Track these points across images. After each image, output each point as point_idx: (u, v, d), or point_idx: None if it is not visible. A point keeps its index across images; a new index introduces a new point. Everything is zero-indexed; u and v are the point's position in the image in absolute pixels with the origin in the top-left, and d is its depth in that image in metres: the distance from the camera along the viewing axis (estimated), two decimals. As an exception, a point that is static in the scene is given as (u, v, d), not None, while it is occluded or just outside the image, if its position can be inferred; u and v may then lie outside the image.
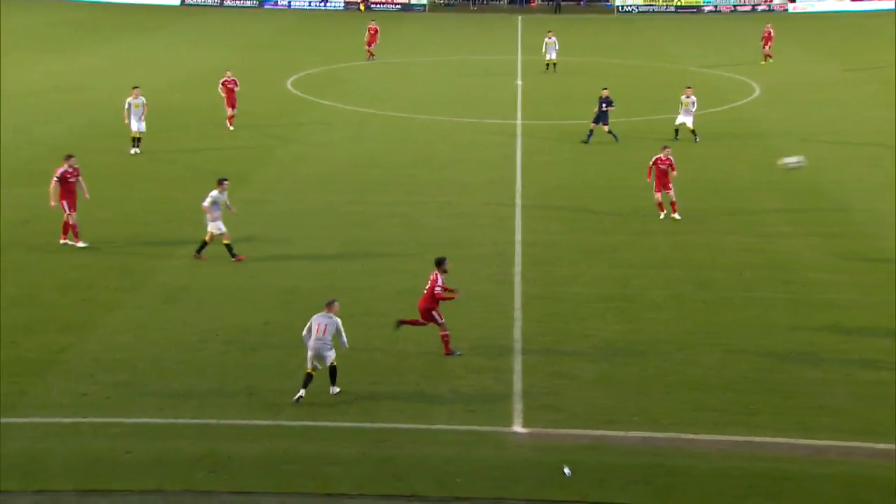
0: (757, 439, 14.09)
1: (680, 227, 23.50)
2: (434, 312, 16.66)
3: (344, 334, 15.25)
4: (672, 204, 23.79)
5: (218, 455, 13.62)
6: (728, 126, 34.32)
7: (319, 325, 15.22)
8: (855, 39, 57.57)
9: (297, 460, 13.57)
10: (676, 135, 31.77)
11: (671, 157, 23.83)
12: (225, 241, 20.87)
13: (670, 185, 23.74)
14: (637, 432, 14.33)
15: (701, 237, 22.92)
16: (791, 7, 74.14)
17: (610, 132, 31.40)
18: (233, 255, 20.86)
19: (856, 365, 16.29)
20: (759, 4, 74.27)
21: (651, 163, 23.92)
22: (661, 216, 23.81)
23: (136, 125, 29.47)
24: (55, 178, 21.52)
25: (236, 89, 33.15)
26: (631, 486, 13.01)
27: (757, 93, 40.91)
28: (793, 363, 16.48)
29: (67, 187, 21.61)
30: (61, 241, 21.66)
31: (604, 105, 31.33)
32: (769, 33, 48.49)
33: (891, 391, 15.35)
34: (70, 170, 21.73)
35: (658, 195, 23.85)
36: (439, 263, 16.96)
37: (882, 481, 12.99)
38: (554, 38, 45.98)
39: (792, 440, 14.05)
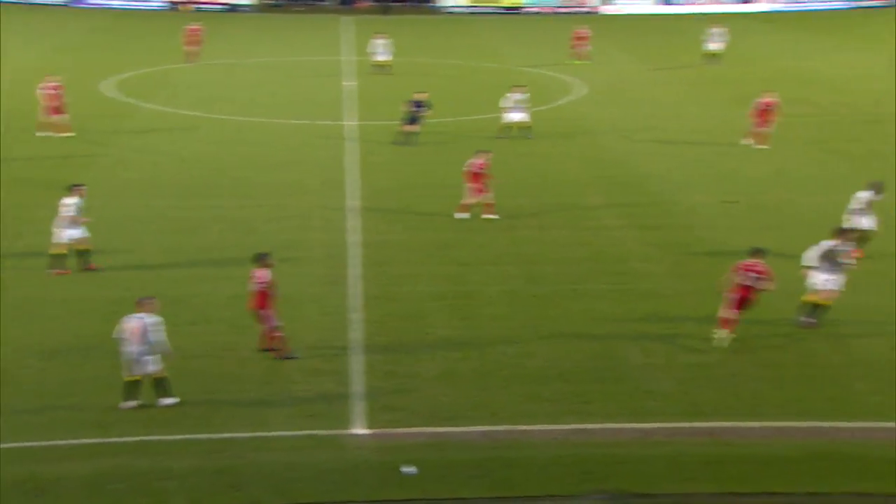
0: (590, 426, 14.58)
1: (512, 223, 24.05)
2: (266, 312, 16.31)
3: (159, 334, 14.64)
4: (487, 205, 24.13)
5: (40, 478, 12.86)
6: (555, 124, 35.37)
7: (132, 328, 14.55)
8: (663, 40, 60.65)
9: (128, 477, 12.98)
10: (508, 132, 32.51)
11: (487, 162, 24.22)
12: (63, 252, 19.80)
13: (485, 189, 24.10)
14: (476, 427, 14.56)
15: (532, 233, 23.53)
16: (604, 9, 77.48)
17: (411, 134, 31.68)
18: (58, 267, 19.81)
19: (677, 350, 17.12)
20: (576, 7, 77.13)
21: (469, 168, 24.24)
22: (463, 216, 23.98)
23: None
24: None
25: (60, 95, 31.48)
26: (471, 480, 13.19)
27: (579, 91, 42.43)
28: (621, 351, 17.16)
29: None
30: None
31: (415, 107, 31.70)
32: (581, 34, 50.40)
33: (709, 373, 16.25)
34: None
35: (474, 198, 24.15)
36: (262, 259, 16.57)
37: (703, 458, 13.71)
38: (385, 40, 46.12)
39: (622, 425, 14.62)
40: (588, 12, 76.75)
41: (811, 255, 17.83)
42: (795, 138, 32.61)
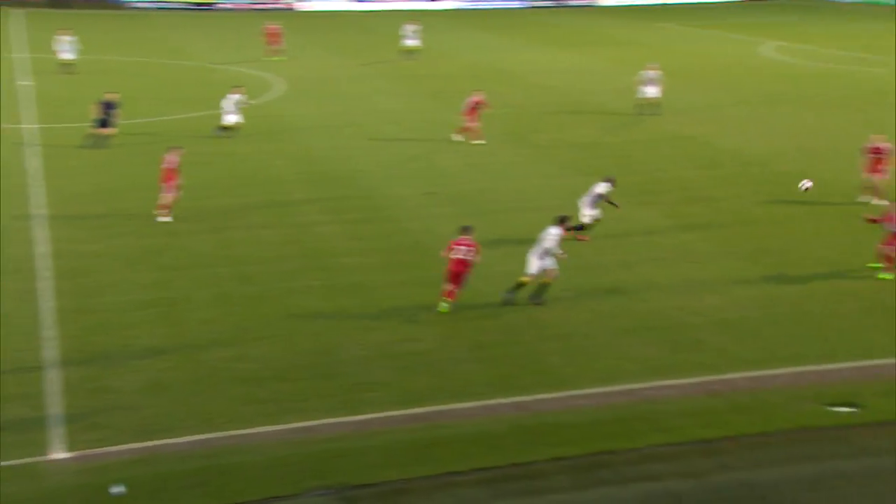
0: (308, 424, 14.47)
1: (219, 223, 23.43)
2: None
3: None
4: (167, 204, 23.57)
5: None
6: (258, 122, 34.89)
7: None
8: (359, 36, 61.86)
9: None
10: (226, 133, 31.68)
11: (177, 159, 23.60)
12: None
13: (174, 188, 23.45)
14: (190, 436, 13.98)
15: (240, 233, 23.03)
16: (299, 5, 77.76)
17: (103, 136, 30.13)
18: None
19: (391, 340, 17.43)
20: (271, 3, 76.61)
21: (166, 166, 23.44)
22: (166, 219, 23.31)
23: None
24: None
25: None
26: (186, 491, 12.65)
27: (280, 89, 42.13)
28: (336, 345, 17.20)
29: None
30: None
31: (106, 108, 30.20)
32: (273, 30, 50.31)
33: (422, 359, 16.69)
34: None
35: (170, 197, 23.38)
36: None
37: (419, 442, 14.06)
38: (70, 37, 43.19)
39: (340, 419, 14.65)
40: (284, 8, 76.51)
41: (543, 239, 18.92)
42: (488, 130, 34.43)
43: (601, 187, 22.90)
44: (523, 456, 13.69)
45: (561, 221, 19.27)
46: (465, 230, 18.68)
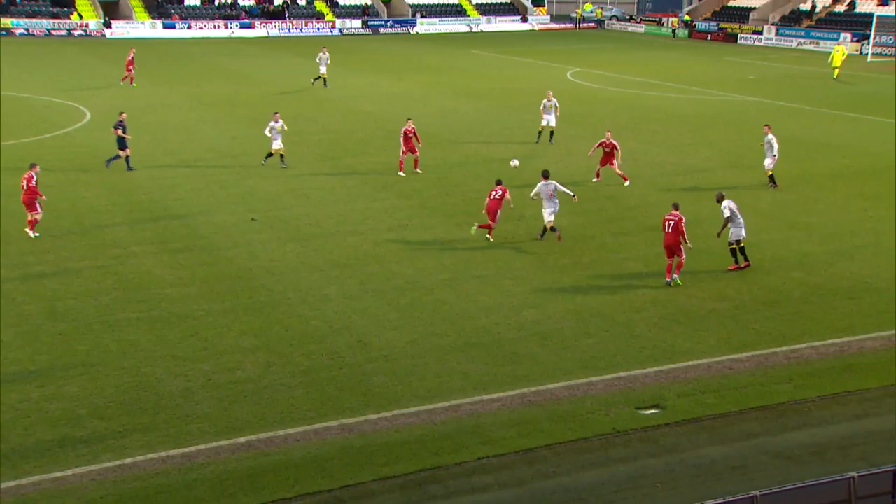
0: (128, 461, 14.05)
1: (24, 259, 22.31)
2: None
3: None
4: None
5: None
6: (64, 152, 33.52)
7: None
8: (171, 63, 60.24)
9: None
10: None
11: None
12: None
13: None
14: None
15: (51, 266, 22.05)
16: (110, 32, 75.13)
17: None
18: None
19: (214, 370, 17.15)
20: (74, 28, 74.15)
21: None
22: None
23: None
24: None
25: None
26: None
27: (88, 117, 40.60)
28: (158, 378, 16.76)
29: None
30: None
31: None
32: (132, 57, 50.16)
33: (246, 388, 16.52)
34: None
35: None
36: None
37: (245, 472, 13.92)
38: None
39: (162, 454, 14.30)
40: (96, 35, 73.84)
41: None
42: (307, 155, 34.45)
43: (551, 185, 24.63)
44: (353, 477, 13.81)
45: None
46: (498, 182, 24.88)
